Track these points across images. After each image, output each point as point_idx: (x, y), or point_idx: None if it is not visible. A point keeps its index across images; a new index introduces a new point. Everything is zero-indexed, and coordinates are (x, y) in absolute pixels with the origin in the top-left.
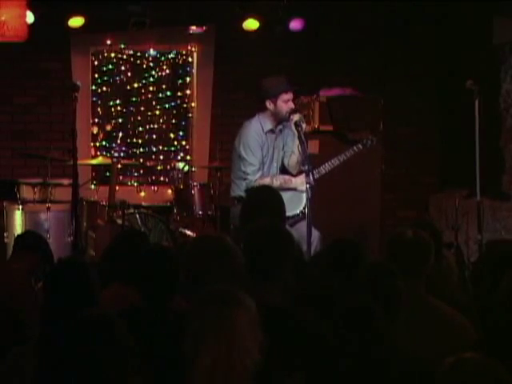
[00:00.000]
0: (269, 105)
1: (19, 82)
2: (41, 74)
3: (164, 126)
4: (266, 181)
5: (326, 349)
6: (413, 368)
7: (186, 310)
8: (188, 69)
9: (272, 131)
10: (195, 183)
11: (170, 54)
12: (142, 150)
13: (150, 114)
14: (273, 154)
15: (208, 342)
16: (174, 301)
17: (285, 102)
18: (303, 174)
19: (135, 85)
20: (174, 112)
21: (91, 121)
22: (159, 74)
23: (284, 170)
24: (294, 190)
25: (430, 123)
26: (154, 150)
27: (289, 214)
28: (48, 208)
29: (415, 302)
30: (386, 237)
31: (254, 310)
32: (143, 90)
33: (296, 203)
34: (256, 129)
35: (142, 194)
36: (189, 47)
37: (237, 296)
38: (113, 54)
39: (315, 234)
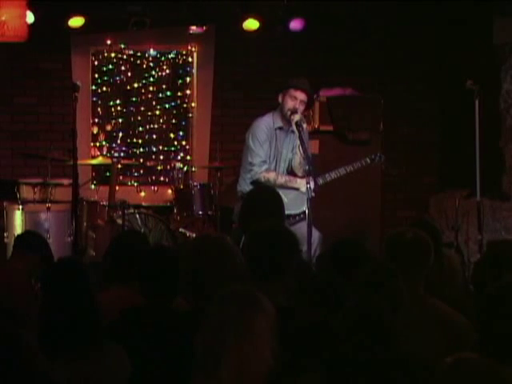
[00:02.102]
0: (279, 98)
1: (19, 82)
2: (41, 73)
3: (164, 126)
4: (272, 175)
5: (333, 348)
6: (412, 368)
7: (198, 310)
8: (188, 69)
9: (281, 129)
10: (195, 183)
11: (170, 54)
12: (142, 150)
13: (150, 114)
14: (281, 152)
15: (227, 343)
16: (175, 301)
17: (291, 99)
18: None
19: (135, 85)
20: (174, 112)
21: (91, 121)
22: (159, 74)
23: (292, 172)
24: (297, 189)
25: (430, 123)
26: (154, 150)
27: (292, 211)
28: (48, 208)
29: (415, 302)
30: (385, 237)
31: (272, 312)
32: (143, 90)
33: (300, 203)
34: (266, 123)
35: (142, 194)
36: (189, 47)
37: (256, 298)
38: (113, 54)
39: (316, 234)
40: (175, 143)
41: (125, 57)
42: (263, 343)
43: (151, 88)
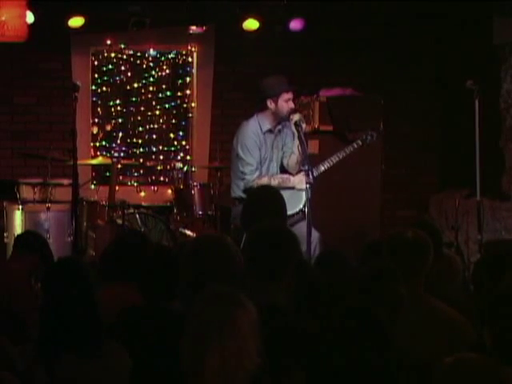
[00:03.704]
0: (270, 104)
1: (19, 82)
2: (41, 73)
3: (164, 126)
4: (264, 180)
5: (322, 349)
6: (412, 368)
7: (187, 311)
8: (188, 69)
9: (270, 131)
10: (195, 183)
11: (170, 54)
12: (142, 149)
13: (150, 113)
14: (272, 153)
15: (211, 343)
16: (174, 301)
17: (286, 102)
18: (301, 173)
19: (135, 85)
20: (174, 112)
21: (91, 121)
22: (159, 73)
23: (284, 170)
24: (292, 188)
25: (430, 123)
26: (154, 150)
27: (289, 211)
28: (48, 208)
29: (414, 302)
30: (384, 237)
31: (254, 312)
32: (143, 90)
33: (295, 202)
34: (253, 129)
35: (142, 194)
36: (189, 47)
37: (239, 297)
38: (113, 54)
39: (315, 234)
40: (175, 143)
41: (125, 57)
42: (247, 342)
43: (151, 88)
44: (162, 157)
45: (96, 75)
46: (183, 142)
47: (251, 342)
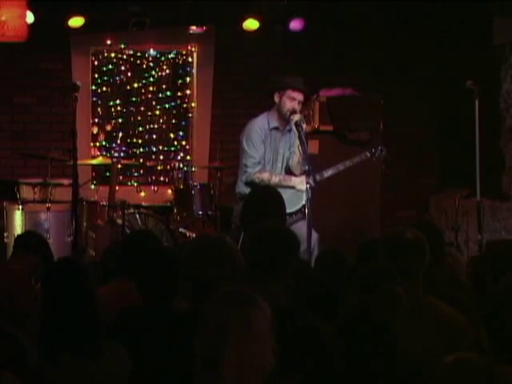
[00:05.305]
0: (276, 98)
1: (19, 82)
2: (41, 73)
3: (164, 126)
4: (265, 175)
5: (322, 349)
6: (412, 368)
7: (198, 310)
8: (188, 69)
9: (277, 129)
10: (195, 183)
11: (170, 54)
12: (142, 150)
13: (150, 114)
14: (277, 152)
15: (227, 343)
16: (175, 301)
17: (290, 99)
18: (304, 175)
19: (135, 85)
20: (174, 112)
21: (91, 121)
22: (159, 73)
23: (289, 171)
24: (293, 188)
25: (430, 123)
26: (154, 150)
27: (288, 210)
28: (48, 208)
29: (414, 302)
30: (382, 237)
31: (269, 312)
32: (143, 90)
33: (295, 202)
34: (261, 124)
35: (142, 194)
36: (189, 47)
37: (253, 298)
38: (113, 54)
39: (314, 235)
40: (175, 143)
41: (125, 57)
42: (263, 341)
43: (151, 88)
44: (162, 157)
45: (96, 75)
46: (183, 142)
47: (267, 342)
